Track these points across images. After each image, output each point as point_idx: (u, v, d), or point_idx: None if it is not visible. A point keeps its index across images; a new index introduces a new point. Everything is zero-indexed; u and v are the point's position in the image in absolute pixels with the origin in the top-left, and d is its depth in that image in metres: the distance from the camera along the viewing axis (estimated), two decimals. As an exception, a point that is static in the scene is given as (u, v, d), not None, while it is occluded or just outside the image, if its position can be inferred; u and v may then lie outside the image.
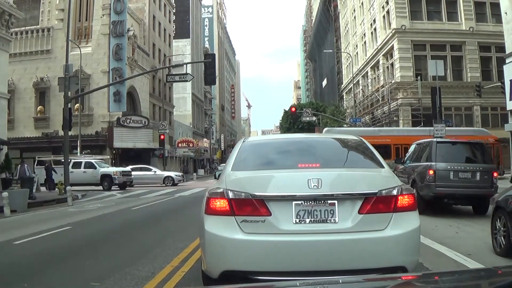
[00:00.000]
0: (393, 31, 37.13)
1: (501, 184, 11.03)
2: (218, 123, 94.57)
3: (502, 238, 6.18)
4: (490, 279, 2.00)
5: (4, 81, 23.51)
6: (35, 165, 28.56)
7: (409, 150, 14.03)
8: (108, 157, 34.64)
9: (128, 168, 29.47)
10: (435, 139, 12.49)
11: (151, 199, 18.86)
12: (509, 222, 5.95)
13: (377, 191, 3.63)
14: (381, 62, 41.94)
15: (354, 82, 50.75)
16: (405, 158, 13.76)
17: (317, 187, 3.56)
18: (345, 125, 47.17)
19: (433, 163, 10.88)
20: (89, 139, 37.29)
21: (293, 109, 49.83)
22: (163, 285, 4.98)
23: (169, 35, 58.18)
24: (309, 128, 54.44)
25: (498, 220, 6.37)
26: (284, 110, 71.95)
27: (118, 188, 26.87)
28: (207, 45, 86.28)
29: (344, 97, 59.54)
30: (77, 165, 26.99)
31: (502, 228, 6.22)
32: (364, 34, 48.53)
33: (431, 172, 10.74)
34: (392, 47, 38.20)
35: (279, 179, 3.78)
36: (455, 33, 36.25)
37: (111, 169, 27.38)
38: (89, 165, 27.60)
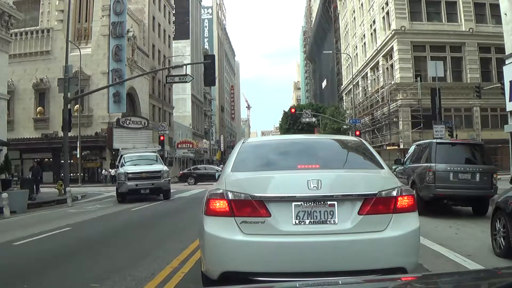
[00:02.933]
0: (392, 32, 37.16)
1: (501, 185, 11.04)
2: (217, 124, 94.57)
3: (502, 239, 6.16)
4: (490, 280, 2.00)
5: (4, 82, 23.50)
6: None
7: (408, 151, 14.04)
8: (159, 147, 28.74)
9: (147, 167, 18.58)
10: (434, 140, 12.48)
11: (151, 200, 18.83)
12: (509, 223, 5.93)
13: (376, 192, 3.63)
14: (380, 63, 41.96)
15: (354, 83, 50.77)
16: (405, 159, 13.76)
17: (316, 188, 3.56)
18: (344, 126, 47.25)
19: (432, 164, 10.83)
20: (89, 140, 37.30)
21: (293, 110, 49.87)
22: (162, 286, 4.98)
23: (169, 36, 58.21)
24: (309, 129, 54.45)
25: (498, 221, 6.35)
26: (284, 111, 71.96)
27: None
28: (206, 46, 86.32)
29: (344, 98, 59.58)
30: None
31: (501, 229, 6.20)
32: (364, 35, 48.56)
33: (430, 173, 10.73)
34: (392, 48, 38.23)
35: (278, 180, 3.78)
36: (454, 34, 36.29)
37: (119, 170, 18.65)
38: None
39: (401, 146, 35.30)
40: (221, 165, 66.16)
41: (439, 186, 10.56)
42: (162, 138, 40.29)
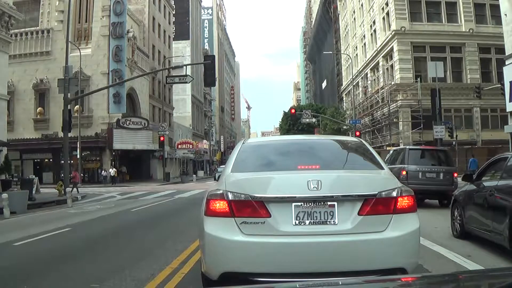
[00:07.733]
0: (392, 33, 37.15)
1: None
2: (217, 125, 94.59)
3: (458, 224, 7.67)
4: (490, 281, 2.00)
5: (4, 83, 23.51)
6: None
7: (387, 155, 16.30)
8: None
9: None
10: (407, 147, 15.45)
11: (151, 200, 18.86)
12: (462, 212, 7.46)
13: (376, 192, 3.63)
14: (380, 63, 41.95)
15: (354, 84, 50.76)
16: (384, 161, 15.21)
17: (316, 188, 3.56)
18: (344, 127, 47.26)
19: (405, 166, 13.47)
20: (89, 141, 37.30)
21: (293, 110, 49.96)
22: (162, 286, 4.98)
23: (169, 37, 58.23)
24: (309, 129, 54.52)
25: (456, 210, 7.84)
26: (284, 111, 72.10)
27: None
28: (206, 47, 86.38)
29: (344, 98, 59.59)
30: None
31: (458, 217, 7.69)
32: (364, 36, 48.56)
33: (404, 172, 13.26)
34: (392, 49, 38.22)
35: (278, 181, 3.77)
36: (454, 35, 36.28)
37: None
38: None
39: (401, 147, 35.26)
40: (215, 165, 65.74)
41: (410, 183, 12.56)
42: (162, 138, 40.37)
